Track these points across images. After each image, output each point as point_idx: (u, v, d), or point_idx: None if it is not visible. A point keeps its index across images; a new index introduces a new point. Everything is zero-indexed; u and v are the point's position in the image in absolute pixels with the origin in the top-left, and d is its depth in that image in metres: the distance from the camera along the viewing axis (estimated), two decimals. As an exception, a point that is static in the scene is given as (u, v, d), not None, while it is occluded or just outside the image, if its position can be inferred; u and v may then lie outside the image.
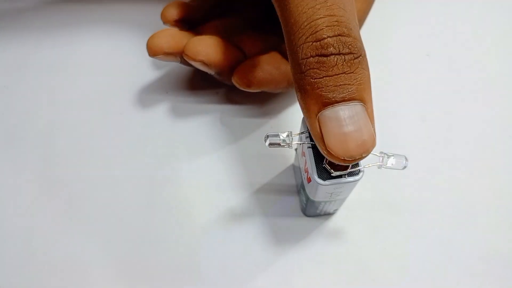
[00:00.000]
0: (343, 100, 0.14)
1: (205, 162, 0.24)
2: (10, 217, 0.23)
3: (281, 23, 0.15)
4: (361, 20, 0.23)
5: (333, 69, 0.14)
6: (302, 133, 0.17)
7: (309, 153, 0.16)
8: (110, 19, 0.28)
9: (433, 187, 0.23)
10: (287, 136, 0.16)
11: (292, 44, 0.15)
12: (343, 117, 0.14)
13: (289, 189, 0.23)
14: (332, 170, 0.16)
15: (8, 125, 0.25)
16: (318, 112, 0.14)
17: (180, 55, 0.22)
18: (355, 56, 0.14)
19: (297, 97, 0.15)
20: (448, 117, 0.25)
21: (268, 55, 0.22)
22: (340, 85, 0.14)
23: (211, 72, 0.22)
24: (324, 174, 0.16)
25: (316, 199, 0.18)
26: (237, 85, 0.21)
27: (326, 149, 0.14)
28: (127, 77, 0.26)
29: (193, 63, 0.21)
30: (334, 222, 0.22)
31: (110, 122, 0.25)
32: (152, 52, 0.22)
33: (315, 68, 0.14)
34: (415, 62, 0.26)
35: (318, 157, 0.16)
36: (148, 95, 0.26)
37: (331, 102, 0.14)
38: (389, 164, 0.16)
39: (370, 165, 0.16)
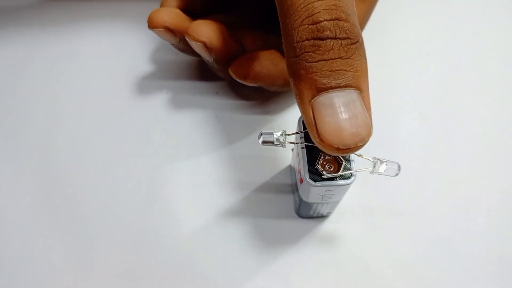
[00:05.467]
0: (338, 87, 0.13)
1: (204, 161, 0.24)
2: (10, 217, 0.23)
3: (277, 7, 0.15)
4: (361, 24, 0.23)
5: (328, 53, 0.13)
6: (296, 133, 0.16)
7: (302, 153, 0.16)
8: (109, 16, 0.28)
9: (433, 187, 0.23)
10: (281, 134, 0.16)
11: (287, 27, 0.14)
12: (337, 104, 0.13)
13: (287, 190, 0.23)
14: (324, 172, 0.16)
15: (8, 125, 0.25)
16: (312, 98, 0.13)
17: (180, 35, 0.21)
18: (352, 41, 0.13)
19: (291, 83, 0.14)
20: (448, 117, 0.25)
21: (267, 51, 0.22)
22: (336, 70, 0.13)
23: (209, 58, 0.21)
24: (316, 176, 0.16)
25: (309, 200, 0.18)
26: (233, 76, 0.21)
27: (319, 137, 0.13)
28: (127, 76, 0.26)
29: (194, 44, 0.20)
30: (334, 222, 0.22)
31: (110, 121, 0.25)
32: (153, 24, 0.21)
33: (310, 52, 0.13)
34: (415, 62, 0.26)
35: (311, 158, 0.16)
36: (147, 94, 0.26)
37: (326, 88, 0.13)
38: (381, 170, 0.16)
39: (362, 169, 0.16)
